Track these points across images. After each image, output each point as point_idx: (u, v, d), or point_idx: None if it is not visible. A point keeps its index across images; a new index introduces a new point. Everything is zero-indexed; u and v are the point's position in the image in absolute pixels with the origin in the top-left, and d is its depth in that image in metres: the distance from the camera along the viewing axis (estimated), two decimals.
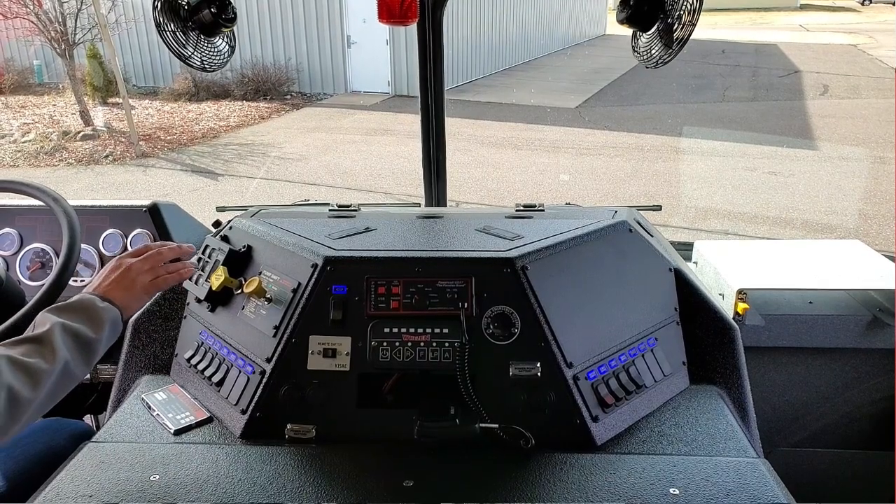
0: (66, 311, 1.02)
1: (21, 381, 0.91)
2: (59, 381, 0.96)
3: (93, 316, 1.03)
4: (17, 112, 10.72)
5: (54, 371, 0.95)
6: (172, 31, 1.44)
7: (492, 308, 1.16)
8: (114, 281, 1.11)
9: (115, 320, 1.06)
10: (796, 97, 11.25)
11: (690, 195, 6.65)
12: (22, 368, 0.92)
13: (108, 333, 1.04)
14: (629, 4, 1.32)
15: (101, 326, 1.02)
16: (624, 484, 0.99)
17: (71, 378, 0.99)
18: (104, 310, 1.04)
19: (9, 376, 0.91)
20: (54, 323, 0.99)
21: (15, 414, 0.90)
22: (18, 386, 0.91)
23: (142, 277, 1.13)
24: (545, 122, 9.91)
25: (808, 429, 1.87)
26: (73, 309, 1.03)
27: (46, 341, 0.97)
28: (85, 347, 1.00)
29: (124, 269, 1.13)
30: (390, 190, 7.04)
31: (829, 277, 1.75)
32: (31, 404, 0.92)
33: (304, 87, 12.54)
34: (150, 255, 1.17)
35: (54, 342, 0.96)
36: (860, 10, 27.90)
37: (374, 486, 1.01)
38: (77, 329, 1.00)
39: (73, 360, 0.98)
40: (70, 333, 0.99)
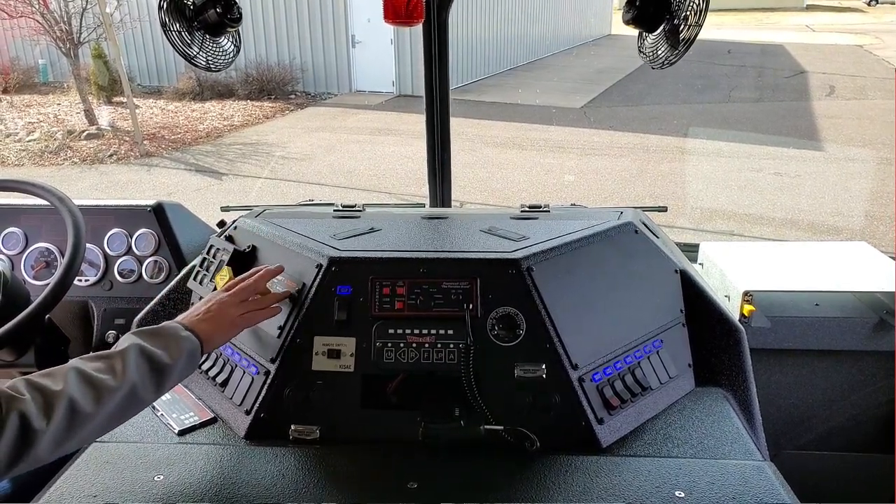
0: (148, 335, 1.01)
1: (84, 395, 0.90)
2: (124, 402, 0.94)
3: (171, 343, 1.01)
4: (22, 111, 10.76)
5: (120, 390, 0.93)
6: (178, 31, 1.44)
7: (497, 309, 1.16)
8: (202, 313, 1.09)
9: (194, 351, 1.03)
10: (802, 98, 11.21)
11: (696, 196, 6.64)
12: (88, 382, 0.91)
13: (184, 362, 1.01)
14: (635, 5, 1.32)
15: (178, 354, 1.00)
16: (629, 486, 0.99)
17: (137, 402, 0.97)
18: (184, 339, 1.03)
19: (73, 388, 0.89)
20: (132, 344, 0.98)
21: (73, 426, 0.89)
22: (81, 399, 0.89)
23: (230, 311, 1.11)
24: (550, 122, 9.89)
25: (815, 431, 1.86)
26: (154, 333, 1.02)
27: (119, 360, 0.96)
28: (157, 373, 0.98)
29: (214, 302, 1.11)
30: (394, 190, 7.04)
31: (835, 279, 1.74)
32: (91, 419, 0.91)
33: (308, 87, 12.55)
34: (239, 289, 1.14)
35: (127, 363, 0.95)
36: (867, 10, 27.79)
37: (378, 487, 1.01)
38: (153, 353, 0.98)
39: (142, 384, 0.96)
40: (145, 356, 0.97)
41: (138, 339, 1.00)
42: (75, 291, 1.74)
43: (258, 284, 1.16)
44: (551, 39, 17.11)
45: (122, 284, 1.79)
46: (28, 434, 0.85)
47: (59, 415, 0.87)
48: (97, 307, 1.80)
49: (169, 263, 1.78)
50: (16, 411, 0.85)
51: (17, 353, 1.53)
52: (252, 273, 1.18)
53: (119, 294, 1.79)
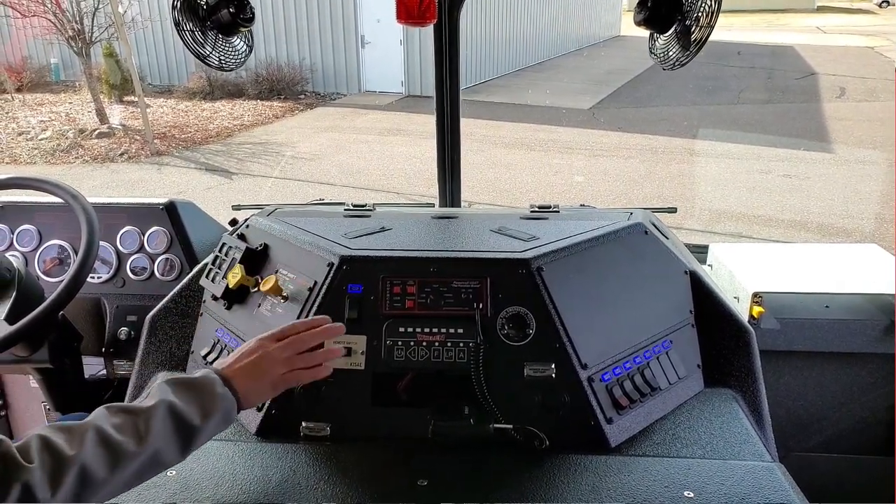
0: (182, 388, 0.94)
1: (100, 460, 0.85)
2: (143, 467, 0.88)
3: (206, 400, 0.94)
4: (34, 109, 10.85)
5: (140, 456, 0.87)
6: (191, 31, 1.45)
7: (507, 309, 1.16)
8: (246, 364, 1.00)
9: (228, 412, 0.96)
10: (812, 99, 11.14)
11: (705, 197, 6.61)
12: (106, 445, 0.86)
13: (216, 422, 0.94)
14: (647, 6, 1.32)
15: (210, 415, 0.93)
16: (638, 486, 0.99)
17: (159, 465, 0.91)
18: (220, 397, 0.95)
19: (89, 452, 0.84)
20: (161, 401, 0.91)
21: (83, 494, 0.83)
22: (95, 465, 0.84)
23: (275, 368, 1.01)
24: (559, 122, 9.88)
25: (824, 433, 1.85)
26: (189, 386, 0.95)
27: (144, 420, 0.89)
28: (185, 435, 0.91)
29: (260, 354, 1.01)
30: (404, 190, 7.05)
31: (845, 281, 1.74)
32: (104, 485, 0.85)
33: (317, 87, 12.58)
34: (291, 341, 1.04)
35: (152, 424, 0.89)
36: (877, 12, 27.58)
37: (388, 484, 1.01)
38: (183, 413, 0.91)
39: (166, 448, 0.90)
40: (174, 416, 0.91)
41: (171, 392, 0.93)
42: (88, 288, 1.76)
43: (312, 340, 1.05)
44: (560, 40, 17.08)
45: (135, 282, 1.81)
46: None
47: (67, 484, 0.83)
48: (110, 304, 1.81)
49: (181, 261, 1.79)
50: (19, 482, 0.80)
51: (31, 348, 1.55)
52: (309, 324, 1.07)
53: (131, 291, 1.81)
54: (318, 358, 1.05)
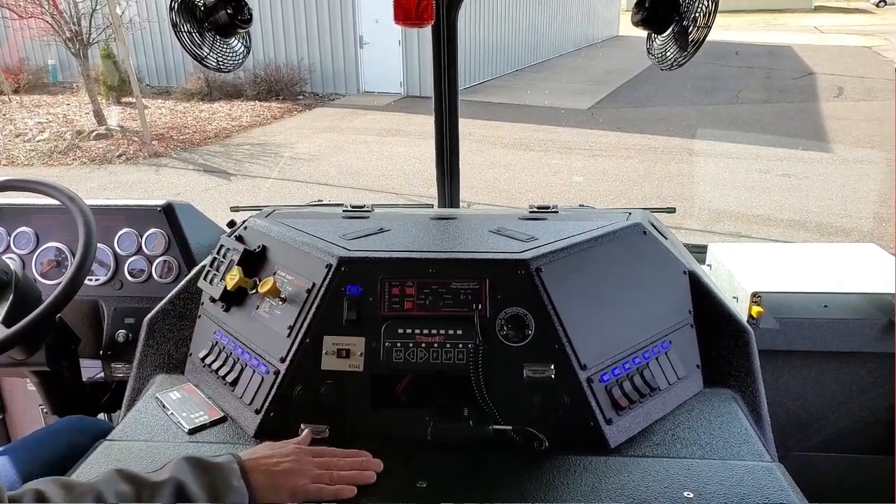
0: (199, 469, 0.91)
1: None
2: None
3: (219, 487, 0.90)
4: (31, 111, 10.84)
5: None
6: (188, 32, 1.44)
7: (506, 309, 1.16)
8: (272, 463, 0.97)
9: None
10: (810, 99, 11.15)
11: (704, 197, 6.61)
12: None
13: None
14: (644, 6, 1.32)
15: (220, 501, 0.89)
16: (637, 487, 0.99)
17: None
18: (234, 489, 0.91)
19: None
20: (172, 478, 0.88)
21: None
22: None
23: (300, 479, 0.97)
24: (558, 123, 9.88)
25: (823, 433, 1.85)
26: (207, 469, 0.92)
27: (150, 494, 0.87)
28: None
29: (291, 460, 0.99)
30: (402, 191, 7.05)
31: (844, 281, 1.74)
32: None
33: (316, 88, 12.58)
34: (327, 461, 1.02)
35: (156, 501, 0.86)
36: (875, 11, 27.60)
37: (387, 486, 1.01)
38: (191, 495, 0.88)
39: None
40: (180, 498, 0.88)
41: (186, 470, 0.90)
42: (86, 291, 1.76)
43: (348, 467, 1.03)
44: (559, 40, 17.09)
45: (133, 284, 1.80)
46: None
47: None
48: (107, 307, 1.81)
49: (179, 263, 1.79)
50: None
51: (28, 351, 1.55)
52: (350, 454, 1.05)
53: (129, 294, 1.80)
54: (346, 478, 1.01)
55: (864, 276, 1.76)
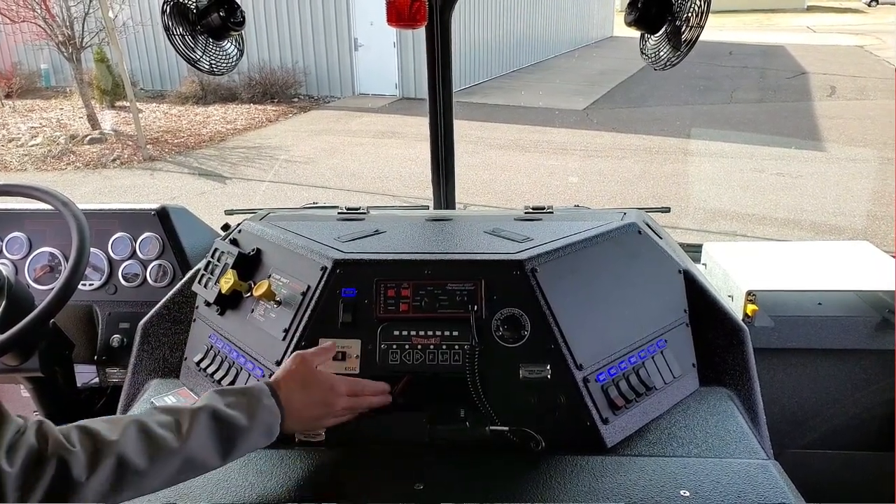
0: (230, 394, 0.96)
1: (138, 452, 0.85)
2: (183, 465, 0.89)
3: (251, 409, 0.95)
4: (24, 116, 10.80)
5: (179, 453, 0.88)
6: (181, 35, 1.44)
7: (501, 310, 1.16)
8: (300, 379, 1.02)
9: (270, 425, 0.96)
10: (804, 98, 11.20)
11: (699, 197, 6.63)
12: (147, 437, 0.87)
13: (258, 434, 0.95)
14: (637, 7, 1.32)
15: (254, 423, 0.94)
16: (634, 486, 0.99)
17: (199, 467, 0.91)
18: (265, 407, 0.96)
19: (128, 442, 0.85)
20: (206, 405, 0.93)
21: (120, 483, 0.84)
22: (133, 455, 0.85)
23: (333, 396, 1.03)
24: (553, 124, 9.90)
25: (818, 430, 1.85)
26: (237, 393, 0.97)
27: (188, 419, 0.91)
28: (227, 439, 0.92)
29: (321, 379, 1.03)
30: (398, 192, 7.05)
31: (838, 279, 1.74)
32: (142, 477, 0.85)
33: (311, 90, 12.58)
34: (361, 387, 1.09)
35: (195, 423, 0.90)
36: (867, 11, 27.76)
37: (384, 488, 1.01)
38: (226, 417, 0.93)
39: (207, 450, 0.90)
40: (217, 420, 0.92)
41: (218, 398, 0.95)
42: (80, 296, 1.75)
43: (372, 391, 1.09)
44: (554, 42, 17.13)
45: (127, 288, 1.80)
46: (67, 484, 0.81)
47: (105, 469, 0.83)
48: (102, 311, 1.80)
49: (173, 267, 1.78)
50: (56, 458, 0.81)
51: (22, 357, 1.54)
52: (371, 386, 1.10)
53: (123, 298, 1.80)
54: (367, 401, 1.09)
55: (857, 274, 1.77)
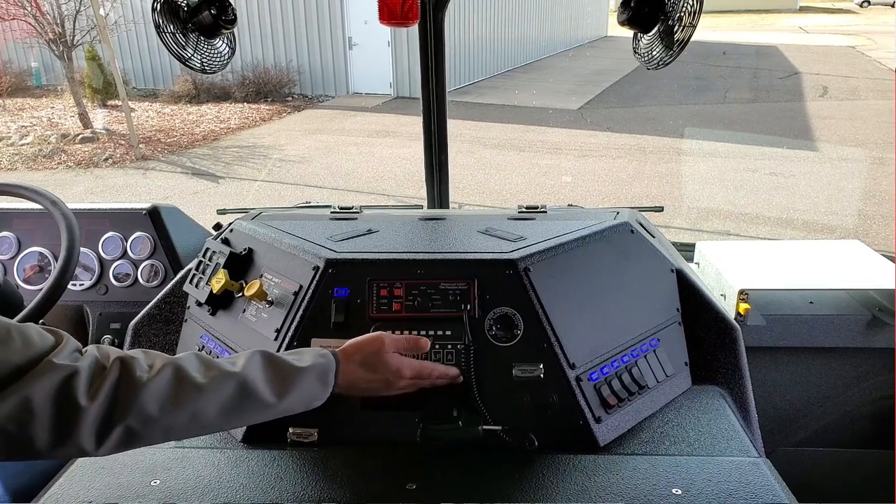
0: (283, 353, 0.97)
1: (195, 367, 0.87)
2: (239, 391, 0.89)
3: (303, 355, 0.97)
4: (15, 115, 10.73)
5: (234, 377, 0.89)
6: (172, 33, 1.43)
7: (494, 310, 1.16)
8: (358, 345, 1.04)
9: (325, 368, 0.96)
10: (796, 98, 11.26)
11: (692, 196, 6.65)
12: (203, 361, 0.90)
13: (312, 376, 0.95)
14: (630, 6, 1.32)
15: (306, 364, 0.95)
16: (627, 484, 0.99)
17: (256, 398, 0.90)
18: (318, 354, 0.98)
19: (184, 359, 0.88)
20: (258, 350, 0.95)
21: (179, 392, 0.84)
22: (190, 368, 0.87)
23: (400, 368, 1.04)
24: (547, 123, 9.91)
25: (810, 428, 1.86)
26: (291, 351, 0.99)
27: (241, 357, 0.93)
28: (280, 376, 0.92)
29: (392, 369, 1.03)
30: (392, 192, 7.04)
31: (829, 277, 1.75)
32: (200, 393, 0.85)
33: (305, 89, 12.55)
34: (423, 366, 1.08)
35: (248, 359, 0.92)
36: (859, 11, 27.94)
37: (376, 488, 1.01)
38: (278, 358, 0.94)
39: (261, 380, 0.90)
40: (268, 359, 0.93)
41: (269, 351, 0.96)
42: (70, 296, 1.74)
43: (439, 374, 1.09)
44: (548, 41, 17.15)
45: (118, 288, 1.78)
46: (131, 382, 0.82)
47: (164, 374, 0.85)
48: (92, 312, 1.79)
49: (165, 267, 1.77)
50: (119, 360, 0.84)
51: None
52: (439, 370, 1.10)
53: (114, 298, 1.79)
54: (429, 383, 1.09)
55: (848, 273, 1.78)
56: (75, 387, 0.79)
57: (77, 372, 0.80)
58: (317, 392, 0.96)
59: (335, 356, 1.00)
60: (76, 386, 0.79)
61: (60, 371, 0.79)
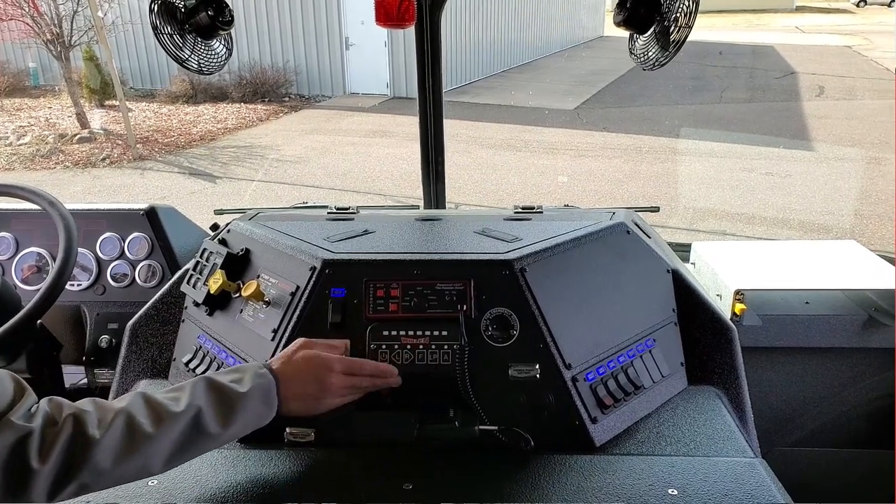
0: (222, 373, 0.99)
1: (144, 414, 0.89)
2: (187, 430, 0.90)
3: (244, 376, 0.98)
4: (12, 115, 10.70)
5: (182, 417, 0.90)
6: (169, 34, 1.43)
7: (490, 310, 1.16)
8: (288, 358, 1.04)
9: (267, 389, 0.98)
10: (792, 98, 11.29)
11: (688, 196, 6.67)
12: (150, 404, 0.90)
13: (257, 398, 0.96)
14: (626, 7, 1.33)
15: (250, 388, 0.96)
16: (623, 485, 0.99)
17: (203, 432, 0.92)
18: (257, 373, 0.99)
19: (134, 406, 0.89)
20: (201, 378, 0.96)
21: (132, 444, 0.86)
22: (140, 417, 0.88)
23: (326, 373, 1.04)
24: (544, 123, 9.92)
25: (806, 428, 1.87)
26: (230, 371, 1.00)
27: (186, 390, 0.94)
28: (225, 404, 0.94)
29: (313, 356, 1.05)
30: (389, 192, 7.04)
31: (825, 277, 1.76)
32: (151, 441, 0.88)
33: (302, 90, 12.54)
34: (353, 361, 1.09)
35: (193, 391, 0.93)
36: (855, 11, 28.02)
37: (373, 488, 1.01)
38: (221, 384, 0.95)
39: (207, 412, 0.92)
40: (212, 387, 0.95)
41: (211, 375, 0.98)
42: (67, 296, 1.74)
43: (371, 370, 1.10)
44: (544, 41, 17.17)
45: (115, 289, 1.78)
46: (84, 441, 0.84)
47: (116, 427, 0.86)
48: (90, 312, 1.79)
49: (162, 267, 1.77)
50: (71, 417, 0.85)
51: (8, 359, 1.52)
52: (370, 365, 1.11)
53: (112, 298, 1.79)
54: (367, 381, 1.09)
55: (844, 273, 1.78)
56: (28, 449, 0.80)
57: (30, 434, 0.81)
58: (262, 412, 0.98)
59: (274, 375, 1.00)
60: (28, 448, 0.80)
61: (15, 431, 0.80)
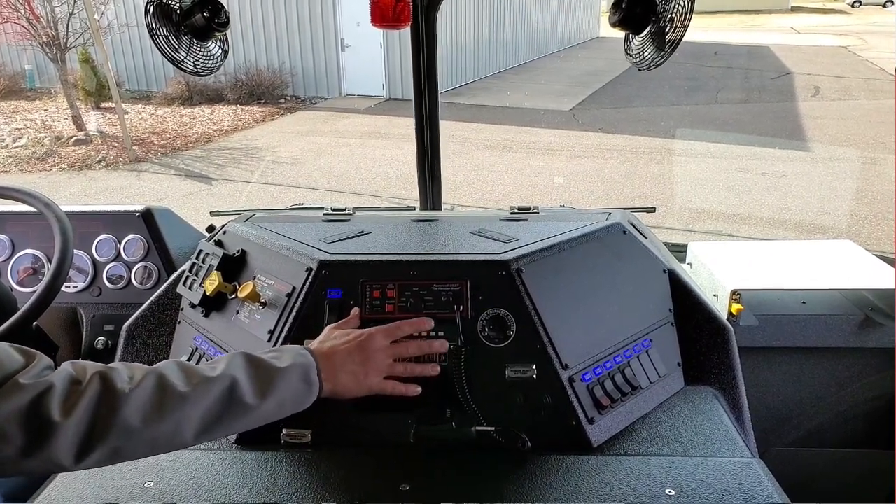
0: (262, 352, 0.97)
1: (177, 375, 0.86)
2: (222, 395, 0.87)
3: (283, 354, 0.97)
4: (8, 117, 10.66)
5: (217, 382, 0.87)
6: (165, 36, 1.43)
7: (487, 311, 1.16)
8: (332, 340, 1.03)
9: (306, 367, 0.95)
10: (788, 99, 11.32)
11: (684, 196, 6.68)
12: (184, 368, 0.88)
13: (294, 375, 0.93)
14: (621, 7, 1.33)
15: (287, 364, 0.94)
16: (620, 485, 1.00)
17: (239, 401, 0.88)
18: (298, 353, 0.97)
19: (166, 367, 0.87)
20: (237, 352, 0.94)
21: (162, 402, 0.83)
22: (172, 376, 0.85)
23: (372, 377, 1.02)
24: (539, 124, 9.93)
25: (803, 428, 1.87)
26: (270, 350, 0.98)
27: (222, 360, 0.92)
28: (262, 377, 0.91)
29: (366, 337, 1.03)
30: (385, 193, 7.04)
31: (821, 277, 1.76)
32: (184, 401, 0.84)
33: (298, 91, 12.53)
34: (399, 351, 1.07)
35: (229, 362, 0.91)
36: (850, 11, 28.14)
37: (370, 489, 1.01)
38: (259, 358, 0.93)
39: (244, 382, 0.89)
40: (249, 360, 0.92)
41: (248, 352, 0.96)
42: (64, 298, 1.73)
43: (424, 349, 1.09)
44: (540, 42, 17.19)
45: (111, 290, 1.78)
46: (113, 395, 0.81)
47: (147, 384, 0.83)
48: (86, 314, 1.78)
49: (158, 269, 1.77)
50: (98, 375, 0.82)
51: None
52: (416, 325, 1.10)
53: (108, 300, 1.78)
54: (417, 370, 1.08)
55: (840, 273, 1.79)
56: (47, 404, 0.77)
57: (50, 388, 0.78)
58: (301, 391, 0.95)
59: (312, 353, 0.99)
60: (48, 403, 0.77)
61: (28, 390, 0.77)
